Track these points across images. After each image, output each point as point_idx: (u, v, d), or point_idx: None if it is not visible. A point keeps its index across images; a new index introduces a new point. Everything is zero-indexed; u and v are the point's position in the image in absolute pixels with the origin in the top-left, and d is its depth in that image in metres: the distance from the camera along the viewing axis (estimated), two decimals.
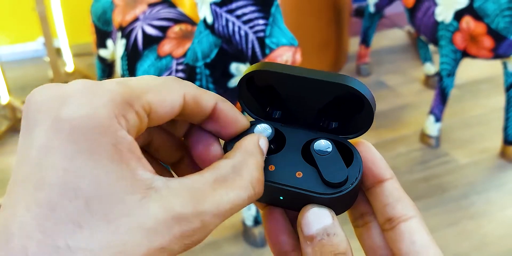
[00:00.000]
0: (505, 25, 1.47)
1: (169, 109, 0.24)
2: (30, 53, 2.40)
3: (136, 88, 0.22)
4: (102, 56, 1.51)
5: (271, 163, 0.28)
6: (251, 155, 0.25)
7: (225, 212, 0.22)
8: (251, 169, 0.25)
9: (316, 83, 0.28)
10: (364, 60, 2.30)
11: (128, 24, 1.26)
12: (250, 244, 1.40)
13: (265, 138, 0.27)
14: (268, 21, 0.87)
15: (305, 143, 0.29)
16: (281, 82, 0.28)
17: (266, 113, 0.31)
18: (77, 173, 0.19)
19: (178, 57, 1.10)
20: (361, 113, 0.29)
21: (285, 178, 0.27)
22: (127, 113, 0.21)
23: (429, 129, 1.80)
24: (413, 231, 0.26)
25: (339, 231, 0.26)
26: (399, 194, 0.28)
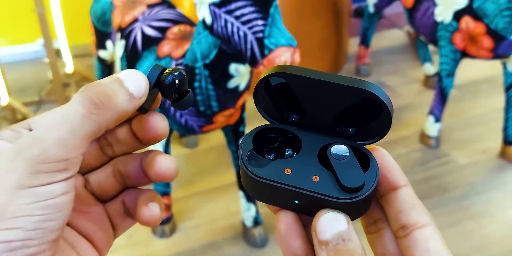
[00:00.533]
0: (504, 25, 1.47)
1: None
2: (29, 55, 2.40)
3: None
4: (101, 57, 1.51)
5: (287, 167, 0.28)
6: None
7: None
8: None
9: (335, 87, 0.27)
10: (364, 61, 2.30)
11: (127, 25, 1.26)
12: (250, 245, 1.39)
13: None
14: (267, 21, 0.87)
15: (321, 148, 0.29)
16: (299, 85, 0.28)
17: (282, 116, 0.30)
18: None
19: (177, 58, 1.09)
20: (379, 119, 0.29)
21: (302, 182, 0.27)
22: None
23: (429, 129, 1.79)
24: (427, 239, 0.26)
25: (355, 237, 0.26)
26: (413, 201, 0.28)
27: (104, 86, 0.26)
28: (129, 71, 0.27)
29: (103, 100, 0.25)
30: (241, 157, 0.28)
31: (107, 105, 0.25)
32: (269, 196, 0.28)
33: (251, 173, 0.27)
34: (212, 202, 1.55)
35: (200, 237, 1.43)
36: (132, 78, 0.27)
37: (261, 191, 0.28)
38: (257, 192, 0.29)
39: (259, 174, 0.27)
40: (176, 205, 1.51)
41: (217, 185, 1.62)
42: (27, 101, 2.00)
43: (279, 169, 0.28)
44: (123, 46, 1.24)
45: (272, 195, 0.28)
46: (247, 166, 0.28)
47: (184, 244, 1.41)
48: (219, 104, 1.08)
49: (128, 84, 0.26)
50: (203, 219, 1.49)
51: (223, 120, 1.15)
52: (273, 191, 0.28)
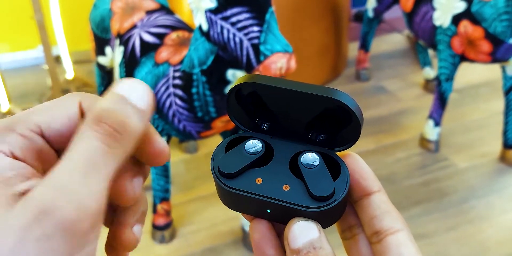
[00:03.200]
0: (503, 29, 1.47)
1: (65, 120, 0.25)
2: (30, 61, 2.42)
3: (23, 114, 0.24)
4: (101, 63, 1.52)
5: (259, 176, 0.28)
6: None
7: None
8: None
9: (304, 96, 0.28)
10: (364, 65, 2.31)
11: (126, 32, 1.27)
12: (249, 250, 1.39)
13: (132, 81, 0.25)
14: (262, 28, 0.87)
15: (293, 156, 0.29)
16: (269, 95, 0.29)
17: (255, 124, 0.31)
18: None
19: (175, 64, 1.10)
20: (349, 126, 0.29)
21: (272, 192, 0.27)
22: (6, 137, 0.23)
23: (429, 133, 1.79)
24: (400, 244, 0.26)
25: (326, 245, 0.26)
26: (386, 207, 0.28)
27: (112, 111, 0.22)
28: (127, 83, 0.24)
29: (118, 129, 0.22)
30: (212, 168, 0.28)
31: (124, 133, 0.22)
32: (243, 205, 0.29)
33: (223, 184, 0.28)
34: (211, 207, 1.55)
35: (200, 242, 1.43)
36: (133, 90, 0.23)
37: (235, 201, 0.29)
38: (231, 202, 0.29)
39: (230, 185, 0.28)
40: (175, 210, 1.51)
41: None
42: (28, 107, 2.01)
43: (251, 179, 0.28)
44: (121, 52, 1.25)
45: (245, 205, 0.28)
46: (219, 178, 0.28)
47: (183, 249, 1.41)
48: (217, 110, 1.08)
49: (133, 99, 0.23)
50: (203, 224, 1.49)
51: (221, 125, 1.15)
52: (246, 201, 0.28)
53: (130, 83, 0.24)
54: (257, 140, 0.29)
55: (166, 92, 1.10)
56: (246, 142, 0.29)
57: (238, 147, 0.29)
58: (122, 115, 0.22)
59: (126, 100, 0.23)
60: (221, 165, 0.28)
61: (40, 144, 0.24)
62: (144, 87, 0.24)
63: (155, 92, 1.11)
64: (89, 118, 0.22)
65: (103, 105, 0.23)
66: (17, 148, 0.23)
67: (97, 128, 0.22)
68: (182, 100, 1.08)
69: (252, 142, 0.29)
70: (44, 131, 0.24)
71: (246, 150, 0.29)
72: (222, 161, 0.28)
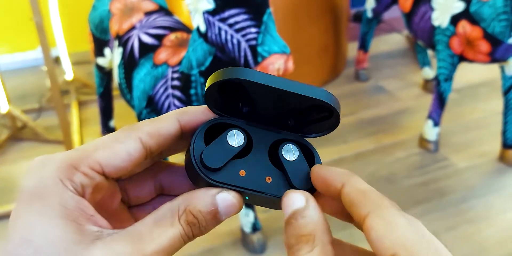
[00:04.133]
0: (501, 29, 1.48)
1: (124, 157, 0.27)
2: (30, 62, 2.42)
3: (86, 150, 0.26)
4: (100, 64, 1.52)
5: (241, 168, 0.28)
6: (188, 199, 0.27)
7: (164, 248, 0.25)
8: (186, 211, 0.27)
9: (289, 94, 0.28)
10: (363, 65, 2.31)
11: (124, 33, 1.27)
12: (249, 250, 1.40)
13: (227, 192, 0.28)
14: (260, 29, 0.88)
15: (271, 145, 0.30)
16: (254, 90, 0.29)
17: (230, 109, 0.30)
18: (31, 228, 0.24)
19: (173, 65, 1.10)
20: (328, 120, 0.30)
21: (256, 184, 0.28)
22: (72, 176, 0.25)
23: (428, 133, 1.80)
24: (369, 228, 0.25)
25: (310, 213, 0.26)
26: (351, 198, 0.27)
27: (202, 220, 0.27)
28: (227, 199, 0.27)
29: (198, 234, 0.27)
30: (194, 159, 0.28)
31: (200, 235, 0.27)
32: None
33: (209, 179, 0.28)
34: None
35: (199, 243, 1.43)
36: (229, 209, 0.27)
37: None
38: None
39: (216, 179, 0.28)
40: None
41: None
42: (27, 108, 2.01)
43: (234, 171, 0.28)
44: (120, 53, 1.25)
45: None
46: (202, 171, 0.28)
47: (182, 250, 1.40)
48: None
49: (222, 215, 0.27)
50: None
51: None
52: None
53: (230, 199, 0.27)
54: (237, 130, 0.29)
55: (164, 93, 1.10)
56: (227, 133, 0.29)
57: (220, 139, 0.29)
58: (207, 224, 0.27)
59: (217, 214, 0.27)
60: (206, 159, 0.28)
61: (98, 180, 0.27)
62: (238, 206, 0.28)
63: (154, 93, 1.12)
64: (185, 209, 0.26)
65: (201, 207, 0.27)
66: (79, 187, 0.25)
67: (188, 228, 0.26)
68: (180, 101, 1.08)
69: (234, 134, 0.29)
70: (104, 168, 0.27)
71: (229, 143, 0.29)
72: (205, 154, 0.28)
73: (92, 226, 0.25)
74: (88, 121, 1.99)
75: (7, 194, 1.62)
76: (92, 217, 0.25)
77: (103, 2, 1.40)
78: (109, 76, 1.61)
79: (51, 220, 0.24)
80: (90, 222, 0.25)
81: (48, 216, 0.24)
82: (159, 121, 0.28)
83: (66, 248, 0.23)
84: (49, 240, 0.23)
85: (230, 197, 0.27)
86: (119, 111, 1.86)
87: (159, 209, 0.27)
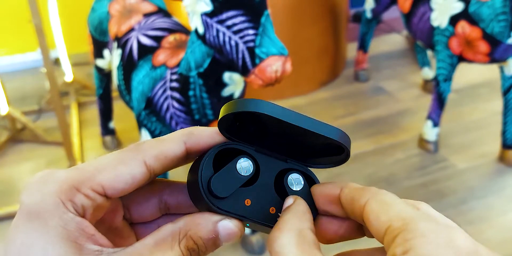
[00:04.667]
0: (500, 30, 1.47)
1: (128, 180, 0.27)
2: (30, 64, 2.42)
3: (88, 171, 0.26)
4: (99, 66, 1.52)
5: (247, 197, 0.28)
6: (190, 225, 0.27)
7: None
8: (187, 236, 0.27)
9: (303, 131, 0.28)
10: (362, 66, 2.31)
11: (123, 34, 1.27)
12: (248, 252, 1.40)
13: (229, 220, 0.28)
14: (258, 31, 0.88)
15: (278, 173, 0.30)
16: (268, 120, 0.28)
17: (242, 133, 0.30)
18: (30, 246, 0.24)
19: (172, 67, 1.10)
20: (337, 156, 0.30)
21: (260, 215, 0.28)
22: (73, 197, 0.25)
23: (427, 134, 1.79)
24: (368, 212, 0.25)
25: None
26: (349, 197, 0.27)
27: (202, 246, 0.27)
28: (229, 227, 0.27)
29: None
30: (202, 186, 0.27)
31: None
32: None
33: (214, 206, 0.27)
34: None
35: None
36: (229, 237, 0.27)
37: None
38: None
39: (221, 207, 0.28)
40: None
41: None
42: (27, 110, 2.01)
43: (240, 200, 0.28)
44: (119, 55, 1.25)
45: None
46: (209, 199, 0.27)
47: None
48: (214, 112, 1.08)
49: (222, 242, 0.27)
50: None
51: None
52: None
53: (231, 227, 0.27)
54: (247, 158, 0.29)
55: (163, 95, 1.10)
56: (237, 160, 0.29)
57: (229, 167, 0.28)
58: (206, 250, 0.27)
59: (217, 240, 0.27)
60: (214, 187, 0.27)
61: (100, 202, 0.26)
62: (239, 233, 0.28)
63: (152, 95, 1.12)
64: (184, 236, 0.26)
65: (202, 234, 0.27)
66: (80, 208, 0.25)
67: (187, 252, 0.26)
68: (179, 103, 1.08)
69: (243, 163, 0.29)
70: (107, 191, 0.26)
71: (238, 172, 0.28)
72: (213, 183, 0.27)
73: (92, 245, 0.25)
74: (88, 123, 1.99)
75: (7, 196, 1.62)
76: (92, 236, 0.25)
77: (102, 4, 1.40)
78: (109, 77, 1.61)
79: (51, 239, 0.24)
80: (90, 241, 0.25)
81: (48, 235, 0.24)
82: (164, 142, 0.28)
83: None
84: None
85: (232, 225, 0.27)
86: (118, 113, 1.86)
87: (160, 230, 0.27)
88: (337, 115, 2.04)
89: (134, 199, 0.31)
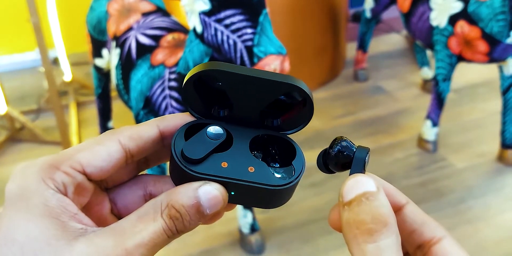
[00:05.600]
0: (499, 29, 1.47)
1: (105, 157, 0.28)
2: (28, 63, 2.42)
3: (67, 153, 0.27)
4: (98, 65, 1.52)
5: (223, 160, 0.29)
6: (170, 194, 0.27)
7: (146, 242, 0.25)
8: (168, 205, 0.27)
9: (263, 82, 0.29)
10: (362, 66, 2.31)
11: (122, 34, 1.27)
12: (247, 251, 1.40)
13: (209, 184, 0.28)
14: (256, 30, 0.88)
15: (251, 140, 0.31)
16: (228, 81, 0.29)
17: (210, 112, 0.31)
18: (14, 228, 0.24)
19: (170, 66, 1.10)
20: (302, 110, 0.31)
21: (239, 174, 0.28)
22: (53, 175, 0.26)
23: (426, 133, 1.79)
24: (447, 252, 0.25)
25: (384, 200, 0.24)
26: (422, 217, 0.27)
27: (185, 214, 0.26)
28: (209, 191, 0.27)
29: (182, 229, 0.27)
30: (175, 155, 0.28)
31: (185, 231, 0.27)
32: None
33: (190, 170, 0.28)
34: None
35: (197, 244, 1.43)
36: (212, 202, 0.27)
37: None
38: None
39: (197, 170, 0.28)
40: None
41: None
42: (26, 109, 2.01)
43: (216, 163, 0.28)
44: (118, 54, 1.25)
45: None
46: (183, 164, 0.28)
47: (181, 251, 1.41)
48: None
49: (206, 208, 0.27)
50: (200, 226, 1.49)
51: None
52: None
53: (210, 191, 0.27)
54: (215, 126, 0.30)
55: (162, 94, 1.10)
56: (207, 128, 0.29)
57: (200, 133, 0.29)
58: (189, 220, 0.27)
59: (200, 207, 0.27)
60: (186, 150, 0.28)
61: (80, 180, 0.27)
62: (222, 200, 0.28)
63: (151, 94, 1.12)
64: (166, 205, 0.26)
65: (183, 201, 0.26)
66: (61, 185, 0.26)
67: (170, 222, 0.26)
68: (178, 102, 1.08)
69: (213, 128, 0.29)
70: (85, 168, 0.27)
71: (208, 136, 0.29)
72: (186, 147, 0.28)
73: (75, 224, 0.25)
74: (87, 122, 1.99)
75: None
76: (75, 215, 0.26)
77: (100, 3, 1.40)
78: (107, 77, 1.61)
79: (33, 218, 0.24)
80: (73, 219, 0.25)
81: (30, 214, 0.24)
82: (139, 126, 0.29)
83: (49, 243, 0.24)
84: (31, 237, 0.24)
85: (212, 189, 0.27)
86: (117, 112, 1.86)
87: (143, 206, 0.27)
88: (336, 115, 2.04)
89: (119, 191, 0.31)
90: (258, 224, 1.41)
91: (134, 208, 0.31)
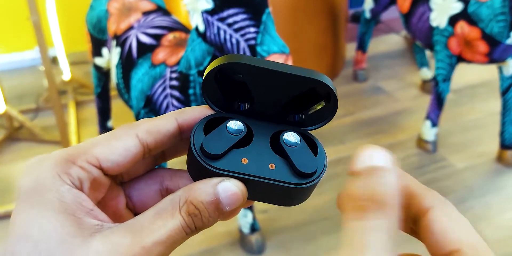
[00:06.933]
0: (499, 30, 1.48)
1: (122, 152, 0.27)
2: (28, 62, 2.41)
3: (83, 147, 0.27)
4: (97, 64, 1.52)
5: (243, 156, 0.28)
6: (189, 190, 0.26)
7: (164, 239, 0.25)
8: (187, 202, 0.26)
9: (286, 77, 0.28)
10: (361, 66, 2.31)
11: (122, 33, 1.26)
12: (247, 251, 1.39)
13: (229, 181, 0.27)
14: (259, 29, 0.87)
15: (272, 135, 0.30)
16: (251, 75, 0.28)
17: (229, 106, 0.30)
18: (29, 224, 0.24)
19: (172, 65, 1.10)
20: (325, 106, 0.30)
21: (259, 171, 0.28)
22: (69, 170, 0.25)
23: (426, 134, 1.80)
24: (435, 220, 0.23)
25: (389, 178, 0.22)
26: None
27: (204, 211, 0.26)
28: (229, 188, 0.26)
29: (201, 226, 0.26)
30: (194, 148, 0.27)
31: (203, 228, 0.27)
32: None
33: (209, 166, 0.27)
34: None
35: (197, 243, 1.43)
36: (231, 199, 0.26)
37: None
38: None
39: (217, 166, 0.27)
40: None
41: None
42: (24, 108, 2.00)
43: (236, 159, 0.28)
44: (118, 53, 1.24)
45: None
46: (203, 159, 0.27)
47: (181, 250, 1.41)
48: None
49: (225, 205, 0.26)
50: None
51: None
52: None
53: (231, 188, 0.27)
54: (236, 120, 0.29)
55: (163, 93, 1.10)
56: (227, 122, 0.29)
57: (219, 128, 0.28)
58: (211, 218, 0.26)
59: (219, 204, 0.26)
60: (206, 146, 0.27)
61: (96, 175, 0.27)
62: (242, 197, 0.27)
63: (152, 93, 1.11)
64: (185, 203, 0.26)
65: (202, 198, 0.26)
66: (77, 180, 0.25)
67: (189, 220, 0.26)
68: (179, 101, 1.08)
69: (233, 123, 0.29)
70: (102, 163, 0.27)
71: (229, 131, 0.28)
72: (205, 142, 0.27)
73: (91, 220, 0.25)
74: (86, 122, 1.99)
75: (4, 194, 1.61)
76: (91, 211, 0.25)
77: (100, 1, 1.40)
78: (107, 76, 1.61)
79: (48, 214, 0.24)
80: (89, 215, 0.25)
81: (45, 210, 0.24)
82: (156, 119, 0.29)
83: (64, 240, 0.23)
84: (46, 233, 0.23)
85: (231, 185, 0.26)
86: (117, 112, 1.86)
87: (161, 202, 0.26)
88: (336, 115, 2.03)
89: (135, 186, 0.31)
90: (258, 224, 1.40)
91: (150, 202, 0.30)
